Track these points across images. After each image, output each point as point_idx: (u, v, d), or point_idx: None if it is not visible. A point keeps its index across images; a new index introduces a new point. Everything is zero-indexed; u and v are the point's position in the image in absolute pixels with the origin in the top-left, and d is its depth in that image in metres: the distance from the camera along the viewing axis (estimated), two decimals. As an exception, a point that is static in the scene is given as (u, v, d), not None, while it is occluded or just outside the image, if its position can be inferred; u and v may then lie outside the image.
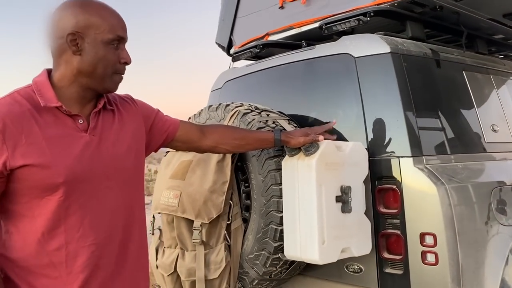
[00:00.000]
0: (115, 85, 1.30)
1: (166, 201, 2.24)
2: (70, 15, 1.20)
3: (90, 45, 1.21)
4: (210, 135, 1.69)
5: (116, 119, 1.33)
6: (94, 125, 1.26)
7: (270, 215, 2.03)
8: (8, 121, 1.12)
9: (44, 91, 1.20)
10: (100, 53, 1.22)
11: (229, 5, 3.33)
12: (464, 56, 2.60)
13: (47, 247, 1.16)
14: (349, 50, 2.26)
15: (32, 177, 1.13)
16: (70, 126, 1.21)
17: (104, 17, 1.23)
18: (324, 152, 1.85)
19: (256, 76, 2.80)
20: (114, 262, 1.26)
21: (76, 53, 1.21)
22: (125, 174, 1.31)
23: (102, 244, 1.23)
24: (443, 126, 2.25)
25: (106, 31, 1.22)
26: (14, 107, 1.15)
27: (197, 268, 2.14)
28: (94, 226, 1.22)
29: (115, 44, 1.26)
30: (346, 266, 2.14)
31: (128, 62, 1.30)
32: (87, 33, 1.21)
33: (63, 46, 1.21)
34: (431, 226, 1.92)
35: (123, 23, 1.29)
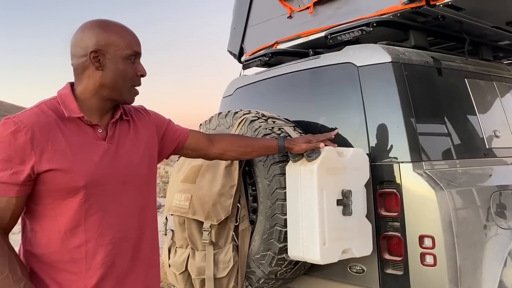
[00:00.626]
0: (132, 97, 1.43)
1: (177, 203, 2.37)
2: (92, 35, 1.33)
3: (110, 61, 1.34)
4: (217, 143, 1.81)
5: (131, 129, 1.46)
6: (112, 134, 1.38)
7: (275, 217, 2.14)
8: (36, 129, 1.24)
9: (68, 102, 1.33)
10: (120, 68, 1.35)
11: (240, 14, 3.45)
12: (467, 63, 2.66)
13: (68, 244, 1.28)
14: (352, 60, 2.35)
15: (56, 181, 1.25)
16: (90, 134, 1.34)
17: (122, 35, 1.37)
18: (325, 158, 1.95)
19: (265, 83, 2.91)
20: (128, 260, 1.38)
21: (98, 68, 1.34)
22: (139, 179, 1.43)
23: (118, 243, 1.34)
24: (443, 133, 2.33)
25: (124, 47, 1.36)
26: (41, 117, 1.28)
27: (207, 267, 2.26)
28: (111, 226, 1.33)
29: (132, 59, 1.38)
30: (349, 267, 2.23)
31: (144, 75, 1.43)
32: (108, 50, 1.34)
33: (86, 63, 1.34)
34: (430, 228, 2.00)
35: (138, 39, 1.42)
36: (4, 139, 1.22)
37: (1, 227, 1.25)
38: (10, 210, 1.25)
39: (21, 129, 1.23)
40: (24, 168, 1.22)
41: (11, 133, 1.22)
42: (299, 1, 2.99)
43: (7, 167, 1.22)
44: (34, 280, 1.27)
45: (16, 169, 1.22)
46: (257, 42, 3.31)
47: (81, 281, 1.29)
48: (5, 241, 1.25)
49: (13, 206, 1.25)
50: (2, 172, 1.22)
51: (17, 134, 1.22)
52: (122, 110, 1.44)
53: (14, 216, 1.27)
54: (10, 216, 1.26)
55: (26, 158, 1.23)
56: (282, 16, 3.11)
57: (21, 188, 1.24)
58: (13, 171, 1.22)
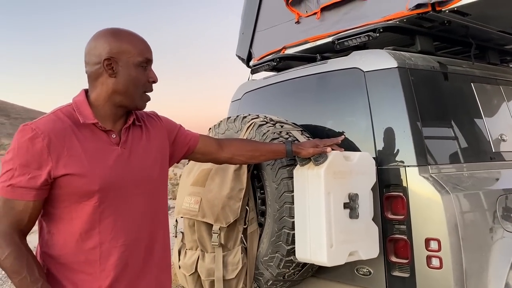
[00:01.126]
0: (144, 103, 1.47)
1: (187, 206, 2.42)
2: (104, 43, 1.38)
3: (123, 68, 1.39)
4: (226, 147, 1.85)
5: (143, 134, 1.50)
6: (125, 139, 1.42)
7: (283, 220, 2.18)
8: (53, 136, 1.29)
9: (82, 109, 1.38)
10: (132, 74, 1.40)
11: (248, 19, 3.51)
12: (473, 68, 2.68)
13: (83, 246, 1.33)
14: (359, 65, 2.39)
15: (72, 185, 1.30)
16: (104, 140, 1.38)
17: (134, 43, 1.41)
18: (332, 162, 1.99)
19: (273, 88, 2.96)
20: (141, 262, 1.42)
21: (111, 75, 1.38)
22: (152, 183, 1.48)
23: (131, 246, 1.39)
24: (449, 137, 2.36)
25: (136, 54, 1.40)
26: (57, 124, 1.33)
27: (216, 268, 2.30)
28: (124, 229, 1.38)
29: (144, 66, 1.43)
30: (357, 269, 2.26)
31: (156, 81, 1.47)
32: (121, 58, 1.38)
33: (99, 70, 1.38)
34: (436, 231, 2.03)
35: (149, 47, 1.46)
36: (22, 145, 1.27)
37: (19, 229, 1.30)
38: (28, 213, 1.30)
39: (38, 136, 1.28)
40: (41, 173, 1.27)
41: (29, 139, 1.27)
42: (307, 7, 3.03)
43: (25, 172, 1.27)
44: (50, 280, 1.32)
45: (34, 174, 1.27)
46: (265, 47, 3.36)
47: (96, 282, 1.34)
48: (23, 243, 1.30)
49: (30, 209, 1.30)
50: (20, 177, 1.27)
51: (35, 140, 1.27)
52: (134, 116, 1.49)
53: (31, 219, 1.32)
54: (28, 219, 1.31)
55: (43, 163, 1.27)
56: (290, 21, 3.15)
57: (38, 192, 1.29)
58: (31, 176, 1.27)
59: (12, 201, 1.28)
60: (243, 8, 3.58)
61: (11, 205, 1.28)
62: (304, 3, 3.05)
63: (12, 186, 1.27)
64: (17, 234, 1.29)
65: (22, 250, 1.28)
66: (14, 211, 1.28)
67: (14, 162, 1.27)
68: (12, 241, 1.27)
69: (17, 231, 1.29)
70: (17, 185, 1.27)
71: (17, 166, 1.27)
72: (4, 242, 1.27)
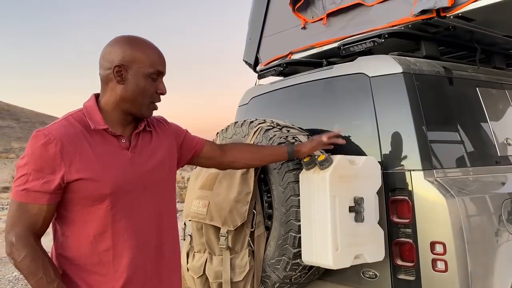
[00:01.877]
0: (150, 112, 1.50)
1: (195, 209, 2.46)
2: (119, 50, 1.41)
3: (132, 76, 1.42)
4: (229, 151, 1.90)
5: (153, 139, 1.55)
6: (135, 144, 1.46)
7: (289, 223, 2.21)
8: (65, 141, 1.33)
9: (93, 115, 1.42)
10: (141, 84, 1.43)
11: (255, 25, 3.55)
12: (478, 72, 2.70)
13: (97, 248, 1.37)
14: (364, 70, 2.42)
15: (84, 189, 1.34)
16: (115, 144, 1.42)
17: (147, 53, 1.44)
18: (337, 166, 2.02)
19: (279, 93, 2.99)
20: (152, 263, 1.46)
21: (120, 82, 1.42)
22: (161, 186, 1.52)
23: (142, 247, 1.43)
24: (454, 141, 2.38)
25: (148, 65, 1.43)
26: (69, 129, 1.37)
27: (224, 271, 2.34)
28: (136, 231, 1.42)
29: (155, 77, 1.46)
30: (363, 272, 2.29)
31: (164, 93, 1.50)
32: (131, 66, 1.41)
33: (110, 76, 1.42)
34: (441, 235, 2.05)
35: (163, 59, 1.49)
36: (36, 151, 1.32)
37: (34, 232, 1.34)
38: (42, 216, 1.34)
39: (51, 141, 1.32)
40: (54, 177, 1.32)
41: (42, 145, 1.32)
42: (313, 13, 3.07)
43: (39, 176, 1.31)
44: (66, 281, 1.36)
45: (48, 179, 1.31)
46: (272, 52, 3.40)
47: (109, 283, 1.38)
48: (38, 245, 1.34)
49: (44, 212, 1.34)
50: (34, 182, 1.31)
51: (48, 146, 1.31)
52: (145, 122, 1.53)
53: (45, 222, 1.36)
54: (42, 222, 1.35)
55: (57, 168, 1.32)
56: (296, 27, 3.20)
57: (51, 196, 1.33)
58: (45, 181, 1.31)
59: (27, 205, 1.32)
60: (250, 14, 3.63)
61: (26, 208, 1.32)
62: (311, 9, 3.09)
63: (26, 190, 1.32)
64: (32, 237, 1.33)
65: (37, 252, 1.32)
66: (28, 215, 1.32)
67: (29, 167, 1.32)
68: (28, 243, 1.32)
69: (32, 234, 1.33)
70: (31, 189, 1.31)
71: (31, 171, 1.31)
72: (21, 244, 1.31)
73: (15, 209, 1.33)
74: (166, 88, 1.49)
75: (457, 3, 2.34)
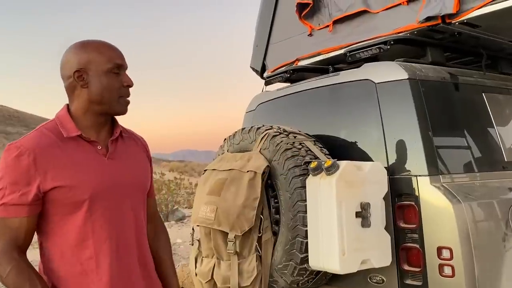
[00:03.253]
0: (122, 107, 1.48)
1: (204, 215, 2.49)
2: (73, 56, 1.42)
3: (93, 77, 1.41)
4: (150, 224, 1.66)
5: (131, 147, 1.55)
6: (113, 151, 1.46)
7: (296, 228, 2.23)
8: (38, 151, 1.33)
9: (65, 123, 1.42)
10: (104, 82, 1.42)
11: (262, 32, 3.59)
12: (484, 78, 2.71)
13: (80, 257, 1.36)
14: (371, 77, 2.44)
15: (62, 196, 1.34)
16: (91, 151, 1.42)
17: (100, 51, 1.43)
18: (344, 171, 2.05)
19: (286, 99, 3.02)
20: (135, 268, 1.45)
21: (84, 86, 1.41)
22: (140, 192, 1.52)
23: (124, 254, 1.43)
24: (461, 146, 2.39)
25: (104, 62, 1.42)
26: (42, 139, 1.37)
27: (232, 276, 2.36)
28: (117, 238, 1.41)
29: (116, 71, 1.44)
30: (370, 277, 2.30)
31: (131, 85, 1.48)
32: (90, 67, 1.41)
33: (73, 83, 1.42)
34: (448, 240, 2.06)
35: (120, 53, 1.48)
36: (9, 164, 1.32)
37: (17, 246, 1.33)
38: (24, 229, 1.34)
39: (24, 153, 1.32)
40: (30, 188, 1.31)
41: (15, 157, 1.32)
42: (319, 20, 3.11)
43: (16, 189, 1.31)
44: None
45: (24, 191, 1.31)
46: (278, 59, 3.44)
47: None
48: (22, 259, 1.34)
49: (25, 225, 1.34)
50: (11, 195, 1.31)
51: (20, 158, 1.31)
52: (121, 128, 1.53)
53: (28, 234, 1.36)
54: (24, 234, 1.35)
55: (32, 179, 1.31)
56: (303, 34, 3.23)
57: (30, 208, 1.33)
58: (21, 193, 1.31)
59: (7, 220, 1.31)
60: (257, 21, 3.68)
61: (6, 223, 1.31)
62: (317, 16, 3.12)
63: (4, 205, 1.30)
64: (16, 251, 1.32)
65: (22, 266, 1.32)
66: (9, 229, 1.32)
67: (4, 181, 1.32)
68: (12, 258, 1.31)
69: (15, 248, 1.33)
70: (9, 203, 1.30)
71: (6, 185, 1.31)
72: (5, 259, 1.30)
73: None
74: (131, 80, 1.48)
75: (462, 9, 2.37)
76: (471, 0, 2.36)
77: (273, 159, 2.37)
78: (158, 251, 1.65)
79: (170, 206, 11.56)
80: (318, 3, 3.10)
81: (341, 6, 2.94)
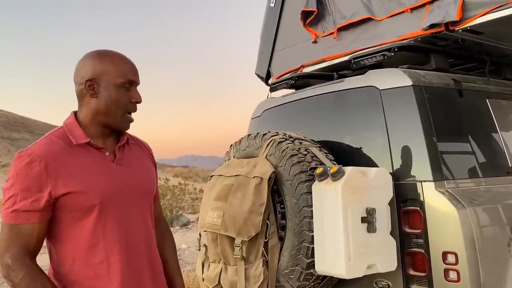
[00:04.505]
0: (126, 124, 1.51)
1: (210, 220, 2.52)
2: (89, 65, 1.46)
3: (104, 88, 1.45)
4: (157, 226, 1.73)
5: (138, 153, 1.59)
6: (120, 157, 1.50)
7: (302, 234, 2.26)
8: (49, 158, 1.36)
9: (73, 130, 1.45)
10: (113, 95, 1.45)
11: (267, 39, 3.64)
12: (488, 84, 2.73)
13: (91, 261, 1.39)
14: (375, 83, 2.47)
15: (73, 202, 1.37)
16: (99, 157, 1.46)
17: (116, 64, 1.47)
18: (349, 177, 2.07)
19: (291, 105, 3.06)
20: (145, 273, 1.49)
21: (93, 96, 1.45)
22: (146, 196, 1.56)
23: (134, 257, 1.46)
24: (465, 152, 2.41)
25: (118, 76, 1.45)
26: (52, 146, 1.40)
27: (238, 281, 2.39)
28: (127, 241, 1.45)
29: (127, 87, 1.48)
30: (375, 282, 2.31)
31: (139, 101, 1.52)
32: (102, 79, 1.44)
33: (83, 91, 1.46)
34: (453, 245, 2.08)
35: (134, 68, 1.52)
36: (21, 171, 1.35)
37: (29, 252, 1.36)
38: (35, 235, 1.36)
39: (35, 160, 1.35)
40: (42, 195, 1.34)
41: (26, 164, 1.34)
42: (324, 27, 3.15)
43: (27, 196, 1.34)
44: None
45: (36, 197, 1.34)
46: (283, 66, 3.48)
47: None
48: (34, 264, 1.36)
49: (37, 231, 1.36)
50: (23, 201, 1.34)
51: (32, 165, 1.34)
52: (127, 136, 1.56)
53: (39, 240, 1.39)
54: (36, 240, 1.37)
55: (43, 185, 1.34)
56: (307, 41, 3.27)
57: (42, 214, 1.36)
58: (33, 199, 1.34)
59: (19, 226, 1.33)
60: (262, 28, 3.72)
61: (18, 229, 1.33)
62: (321, 23, 3.16)
63: (16, 212, 1.33)
64: (28, 257, 1.35)
65: (35, 271, 1.34)
66: (21, 235, 1.35)
67: (15, 188, 1.33)
68: (25, 263, 1.34)
69: (28, 254, 1.35)
70: (20, 209, 1.32)
71: (18, 192, 1.32)
72: (17, 265, 1.33)
73: (7, 231, 1.34)
74: (140, 97, 1.51)
75: (465, 17, 2.39)
76: (474, 8, 2.39)
77: (279, 165, 2.40)
78: (164, 253, 1.68)
79: (174, 212, 11.57)
80: (323, 10, 3.14)
81: (346, 14, 2.98)
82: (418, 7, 2.60)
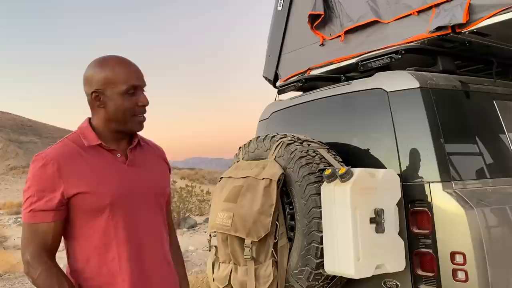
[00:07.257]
0: (137, 125, 1.53)
1: (220, 221, 2.56)
2: (91, 75, 1.50)
3: (109, 98, 1.49)
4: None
5: (149, 154, 1.64)
6: (132, 158, 1.54)
7: (312, 234, 2.29)
8: (61, 160, 1.43)
9: (86, 133, 1.51)
10: (118, 103, 1.49)
11: (275, 42, 3.68)
12: (495, 85, 2.75)
13: (105, 258, 1.45)
14: (383, 86, 2.50)
15: (85, 202, 1.43)
16: (110, 158, 1.51)
17: (116, 71, 1.49)
18: (358, 178, 2.10)
19: (299, 108, 3.09)
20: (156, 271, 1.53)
21: (100, 106, 1.50)
22: (160, 197, 1.61)
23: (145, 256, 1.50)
24: (473, 153, 2.43)
25: (120, 84, 1.48)
26: (65, 149, 1.47)
27: (248, 281, 2.42)
28: (138, 239, 1.50)
29: (131, 92, 1.51)
30: (384, 282, 2.34)
31: (146, 104, 1.55)
32: (105, 89, 1.48)
33: (92, 102, 1.52)
34: (461, 245, 2.10)
35: (138, 72, 1.54)
36: (36, 173, 1.43)
37: (46, 250, 1.43)
38: (51, 233, 1.43)
39: (48, 162, 1.42)
40: (55, 194, 1.41)
41: (41, 167, 1.42)
42: (331, 30, 3.18)
43: (42, 196, 1.41)
44: None
45: (49, 197, 1.41)
46: (291, 69, 3.51)
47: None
48: (52, 262, 1.43)
49: (52, 229, 1.43)
50: (38, 202, 1.41)
51: (46, 167, 1.42)
52: (138, 137, 1.60)
53: (55, 238, 1.45)
54: (52, 239, 1.44)
55: (56, 186, 1.41)
56: (315, 44, 3.31)
57: (56, 213, 1.42)
58: (47, 199, 1.41)
59: (35, 225, 1.41)
60: (269, 31, 3.76)
61: (35, 228, 1.41)
62: (328, 26, 3.20)
63: (33, 211, 1.41)
64: (46, 254, 1.42)
65: (52, 268, 1.41)
66: (38, 234, 1.42)
67: (32, 189, 1.41)
68: (42, 260, 1.41)
69: (45, 251, 1.43)
70: (36, 209, 1.40)
71: (34, 193, 1.41)
72: (35, 262, 1.40)
73: (26, 230, 1.43)
74: (147, 99, 1.54)
75: (471, 19, 2.42)
76: (481, 10, 2.41)
77: (287, 166, 2.43)
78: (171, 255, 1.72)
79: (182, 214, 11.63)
80: (330, 13, 3.18)
81: (353, 17, 3.01)
82: (425, 9, 2.63)
